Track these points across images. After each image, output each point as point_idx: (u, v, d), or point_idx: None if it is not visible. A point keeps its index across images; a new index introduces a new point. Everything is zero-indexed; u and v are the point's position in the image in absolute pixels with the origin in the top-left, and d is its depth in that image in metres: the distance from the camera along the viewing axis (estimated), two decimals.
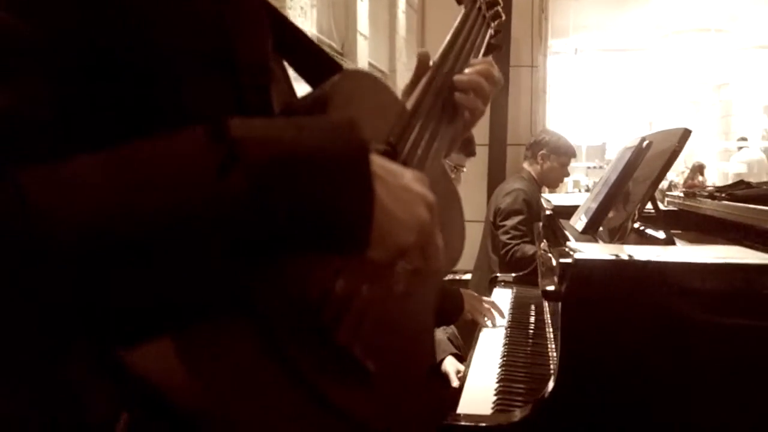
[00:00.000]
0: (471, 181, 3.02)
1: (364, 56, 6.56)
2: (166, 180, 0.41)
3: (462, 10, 0.90)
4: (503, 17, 0.93)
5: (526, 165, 3.08)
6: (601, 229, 1.52)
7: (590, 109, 12.20)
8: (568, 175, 3.25)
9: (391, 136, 0.68)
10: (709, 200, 1.77)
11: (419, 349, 0.68)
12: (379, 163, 0.50)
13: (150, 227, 0.39)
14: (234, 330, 0.47)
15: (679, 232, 1.75)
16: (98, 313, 0.39)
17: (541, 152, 3.01)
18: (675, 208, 1.98)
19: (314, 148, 0.45)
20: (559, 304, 1.01)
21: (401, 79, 7.55)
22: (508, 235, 2.72)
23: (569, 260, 0.99)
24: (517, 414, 1.00)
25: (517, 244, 2.68)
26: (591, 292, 0.97)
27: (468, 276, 2.99)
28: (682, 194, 2.01)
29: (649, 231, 1.48)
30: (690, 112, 13.11)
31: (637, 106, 12.49)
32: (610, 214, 1.55)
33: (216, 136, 0.42)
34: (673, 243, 1.33)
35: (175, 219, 0.40)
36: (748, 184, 1.85)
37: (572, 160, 3.12)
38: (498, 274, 2.31)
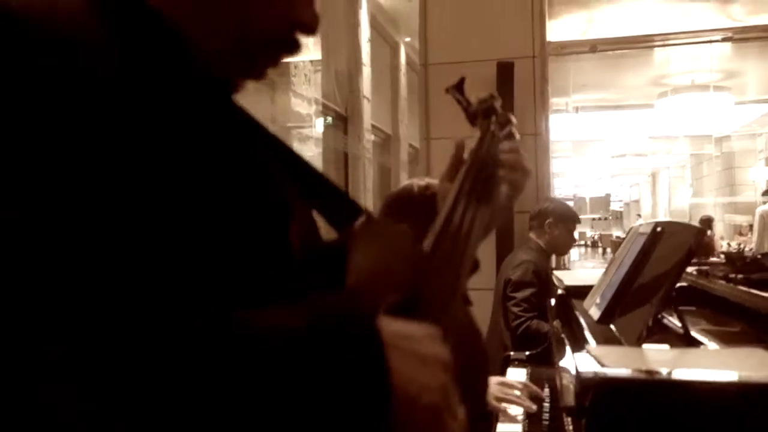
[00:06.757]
0: (479, 250, 2.99)
1: (367, 119, 6.66)
2: None
3: (477, 132, 0.90)
4: (518, 137, 0.93)
5: (532, 235, 3.07)
6: None
7: (593, 162, 12.27)
8: (575, 240, 3.26)
9: (412, 283, 0.67)
10: (723, 282, 1.75)
11: None
12: (389, 330, 0.49)
13: None
14: None
15: (693, 309, 1.73)
16: None
17: (548, 221, 3.02)
18: (686, 284, 1.95)
19: (319, 337, 0.46)
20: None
21: (404, 140, 7.62)
22: (520, 308, 2.69)
23: (590, 375, 0.96)
24: None
25: (530, 318, 2.64)
26: (617, 411, 0.94)
27: None
28: (695, 272, 1.99)
29: (667, 322, 1.45)
30: (692, 164, 13.19)
31: (639, 159, 12.59)
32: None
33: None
34: (693, 341, 1.30)
35: None
36: (764, 265, 1.83)
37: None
38: (511, 353, 2.27)
